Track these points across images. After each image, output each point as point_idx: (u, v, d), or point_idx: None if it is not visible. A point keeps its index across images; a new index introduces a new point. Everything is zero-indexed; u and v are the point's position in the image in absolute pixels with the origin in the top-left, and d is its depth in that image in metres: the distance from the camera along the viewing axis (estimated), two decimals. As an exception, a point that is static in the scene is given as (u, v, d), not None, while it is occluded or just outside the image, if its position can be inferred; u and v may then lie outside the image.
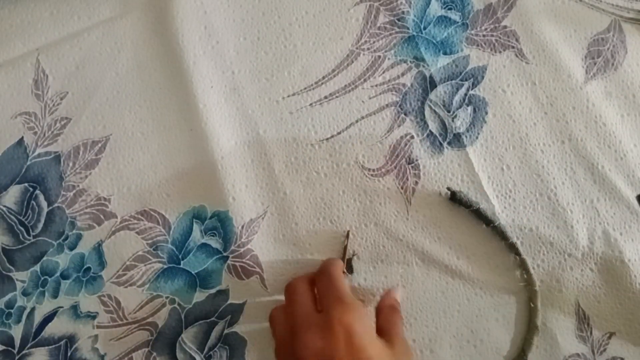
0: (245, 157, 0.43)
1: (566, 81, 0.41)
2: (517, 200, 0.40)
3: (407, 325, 0.39)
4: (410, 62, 0.43)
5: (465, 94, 0.42)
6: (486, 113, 0.42)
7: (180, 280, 0.42)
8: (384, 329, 0.35)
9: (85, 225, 0.43)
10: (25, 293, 0.43)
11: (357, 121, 0.43)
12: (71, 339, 0.42)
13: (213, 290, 0.41)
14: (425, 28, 0.44)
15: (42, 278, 0.43)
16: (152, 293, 0.42)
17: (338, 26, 0.45)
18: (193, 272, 0.42)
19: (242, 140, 0.43)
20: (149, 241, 0.42)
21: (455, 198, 0.40)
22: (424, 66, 0.43)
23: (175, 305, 0.41)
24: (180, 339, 0.41)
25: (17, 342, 0.42)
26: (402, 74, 0.43)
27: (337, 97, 0.43)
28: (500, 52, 0.43)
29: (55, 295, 0.42)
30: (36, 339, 0.42)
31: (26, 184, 0.44)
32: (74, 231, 0.43)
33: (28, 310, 0.42)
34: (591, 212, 0.39)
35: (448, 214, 0.40)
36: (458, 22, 0.43)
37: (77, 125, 0.45)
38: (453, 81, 0.42)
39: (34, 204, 0.44)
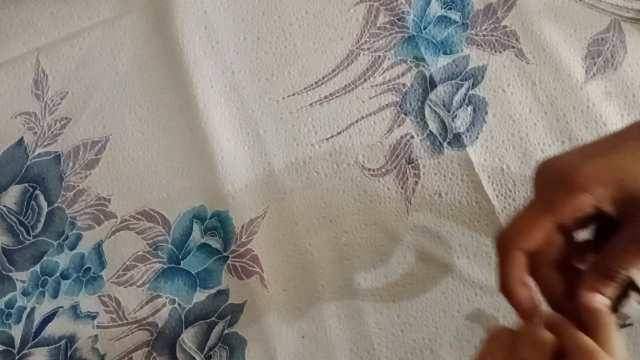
0: (245, 157, 0.43)
1: (566, 81, 0.41)
2: (517, 200, 0.40)
3: (407, 325, 0.39)
4: (410, 62, 0.43)
5: (465, 94, 0.42)
6: (486, 113, 0.42)
7: (180, 280, 0.42)
8: None
9: (85, 225, 0.43)
10: (25, 293, 0.43)
11: (357, 121, 0.43)
12: (71, 339, 0.42)
13: (213, 290, 0.41)
14: (425, 28, 0.44)
15: (42, 278, 0.43)
16: (152, 293, 0.42)
17: (338, 26, 0.45)
18: (193, 272, 0.42)
19: (242, 140, 0.43)
20: (149, 241, 0.42)
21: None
22: (424, 66, 0.43)
23: (175, 305, 0.41)
24: (180, 339, 0.41)
25: (17, 342, 0.42)
26: (402, 74, 0.43)
27: (337, 97, 0.43)
28: (500, 52, 0.43)
29: (55, 295, 0.42)
30: (36, 339, 0.42)
31: (26, 184, 0.44)
32: (74, 231, 0.43)
33: (28, 310, 0.42)
34: (591, 212, 0.39)
35: (448, 213, 0.40)
36: (458, 22, 0.43)
37: (77, 125, 0.45)
38: (453, 81, 0.42)
39: (34, 204, 0.44)
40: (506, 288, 0.28)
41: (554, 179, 0.27)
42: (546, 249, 0.27)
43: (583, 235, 0.28)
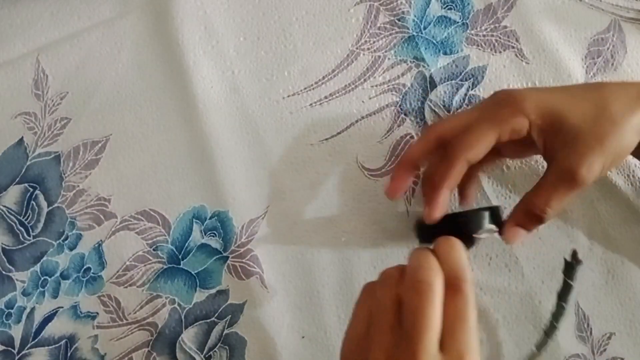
0: (245, 157, 0.43)
1: (566, 81, 0.41)
2: (517, 201, 0.40)
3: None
4: (410, 62, 0.43)
5: (465, 94, 0.42)
6: (486, 113, 0.42)
7: (180, 280, 0.42)
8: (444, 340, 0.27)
9: (85, 225, 0.43)
10: (25, 293, 0.43)
11: (357, 121, 0.43)
12: (71, 339, 0.42)
13: (213, 290, 0.41)
14: (425, 28, 0.44)
15: (42, 278, 0.43)
16: (152, 293, 0.42)
17: (338, 26, 0.45)
18: (193, 272, 0.42)
19: (242, 140, 0.43)
20: (149, 241, 0.42)
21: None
22: (424, 66, 0.43)
23: (175, 305, 0.41)
24: (180, 339, 0.41)
25: (17, 342, 0.42)
26: (402, 74, 0.43)
27: (337, 97, 0.43)
28: (500, 52, 0.43)
29: (55, 295, 0.42)
30: (36, 339, 0.42)
31: (26, 184, 0.44)
32: (74, 231, 0.43)
33: (28, 310, 0.42)
34: (591, 212, 0.39)
35: (448, 214, 0.40)
36: (458, 22, 0.43)
37: (77, 125, 0.45)
38: (453, 81, 0.42)
39: (34, 204, 0.44)
40: (437, 187, 0.32)
41: (505, 101, 0.32)
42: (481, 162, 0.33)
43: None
